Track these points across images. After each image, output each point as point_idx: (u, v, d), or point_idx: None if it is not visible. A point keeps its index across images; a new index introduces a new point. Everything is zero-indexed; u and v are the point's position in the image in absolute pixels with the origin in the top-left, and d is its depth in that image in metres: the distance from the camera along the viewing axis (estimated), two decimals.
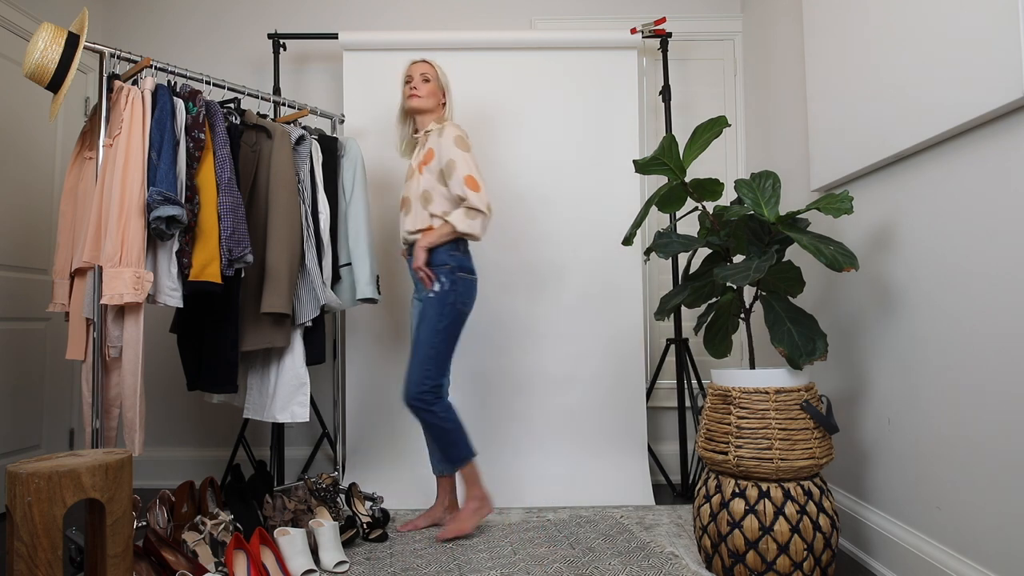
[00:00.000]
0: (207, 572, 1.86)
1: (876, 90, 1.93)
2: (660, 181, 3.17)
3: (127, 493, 1.44)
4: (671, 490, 2.93)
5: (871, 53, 1.96)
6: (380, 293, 2.76)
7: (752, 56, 3.13)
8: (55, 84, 1.95)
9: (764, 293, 2.04)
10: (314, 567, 1.96)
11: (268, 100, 2.58)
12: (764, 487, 1.84)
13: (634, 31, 3.00)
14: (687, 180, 2.05)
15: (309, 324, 2.39)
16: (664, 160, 2.01)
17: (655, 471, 3.04)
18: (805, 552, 1.79)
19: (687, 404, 2.94)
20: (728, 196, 3.15)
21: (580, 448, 2.88)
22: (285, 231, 2.28)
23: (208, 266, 2.05)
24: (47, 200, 2.94)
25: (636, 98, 3.04)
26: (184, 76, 2.23)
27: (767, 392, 1.87)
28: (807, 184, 2.50)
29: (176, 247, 2.01)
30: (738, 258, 2.74)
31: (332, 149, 2.61)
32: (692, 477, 2.88)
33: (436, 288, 2.28)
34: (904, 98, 1.79)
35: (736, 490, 1.87)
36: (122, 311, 1.97)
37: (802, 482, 1.85)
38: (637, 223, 2.09)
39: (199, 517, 2.02)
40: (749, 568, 1.82)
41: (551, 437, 2.90)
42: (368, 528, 2.28)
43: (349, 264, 2.59)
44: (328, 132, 2.88)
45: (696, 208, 2.18)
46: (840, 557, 2.09)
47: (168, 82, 2.15)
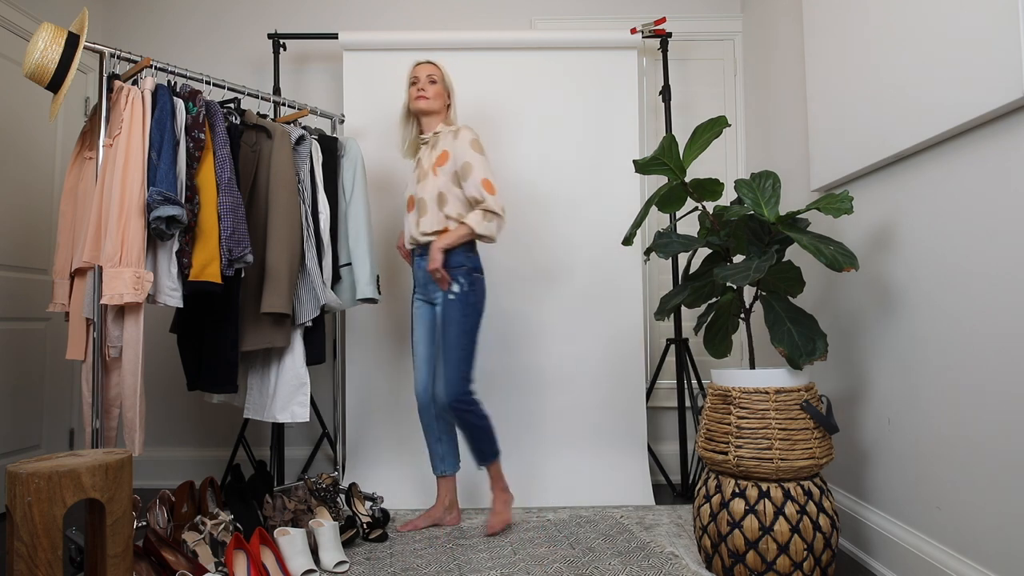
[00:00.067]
0: (207, 572, 1.86)
1: (876, 90, 1.93)
2: (660, 181, 3.17)
3: (127, 493, 1.44)
4: (671, 490, 2.93)
5: (871, 53, 1.96)
6: (380, 293, 2.76)
7: (752, 56, 3.13)
8: (55, 84, 1.95)
9: (764, 293, 2.04)
10: (314, 567, 1.97)
11: (268, 100, 2.58)
12: (764, 487, 1.84)
13: (634, 31, 3.00)
14: (687, 180, 2.05)
15: (309, 324, 2.39)
16: (664, 160, 2.01)
17: (655, 471, 3.04)
18: (805, 552, 1.79)
19: (687, 404, 2.94)
20: (728, 196, 3.15)
21: (580, 448, 2.88)
22: (285, 231, 2.28)
23: (208, 266, 2.05)
24: (47, 200, 2.94)
25: (636, 98, 3.03)
26: (184, 76, 2.23)
27: (767, 392, 1.87)
28: (807, 184, 2.50)
29: (176, 247, 2.01)
30: (738, 258, 2.74)
31: (332, 149, 2.61)
32: (692, 477, 2.88)
33: (456, 290, 2.31)
34: (904, 98, 1.79)
35: (736, 490, 1.87)
36: (122, 311, 1.97)
37: (802, 482, 1.85)
38: (637, 223, 2.09)
39: (199, 517, 2.02)
40: (749, 568, 1.82)
41: (551, 437, 2.90)
42: (368, 528, 2.28)
43: (349, 264, 2.59)
44: (328, 132, 2.88)
45: (696, 208, 2.18)
46: (840, 557, 2.09)
47: (168, 82, 2.15)
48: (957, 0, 1.57)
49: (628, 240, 2.12)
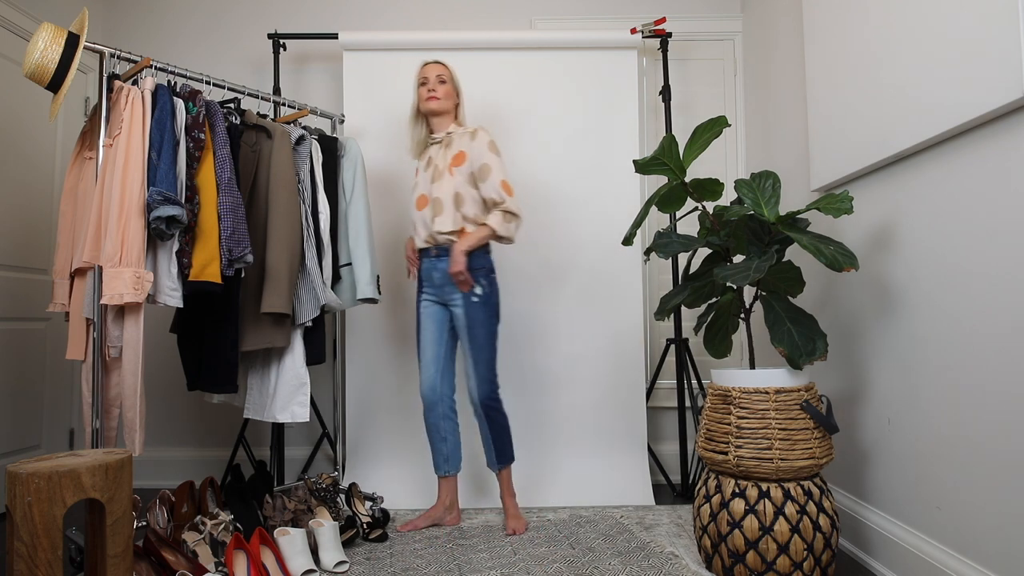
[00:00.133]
0: (207, 572, 1.86)
1: (876, 90, 1.93)
2: (660, 181, 3.17)
3: (127, 493, 1.44)
4: (671, 490, 2.93)
5: (871, 53, 1.96)
6: (380, 293, 2.76)
7: (752, 56, 3.13)
8: (55, 84, 1.95)
9: (764, 293, 2.04)
10: (314, 567, 1.97)
11: (268, 100, 2.58)
12: (764, 487, 1.84)
13: (634, 31, 3.00)
14: (687, 180, 2.05)
15: (309, 324, 2.39)
16: (664, 160, 2.01)
17: (655, 471, 3.04)
18: (805, 552, 1.79)
19: (687, 404, 2.94)
20: (728, 196, 3.15)
21: (580, 448, 2.88)
22: (285, 231, 2.28)
23: (208, 266, 2.05)
24: (47, 200, 2.94)
25: (636, 98, 3.03)
26: (184, 76, 2.23)
27: (767, 392, 1.87)
28: (807, 184, 2.50)
29: (176, 247, 2.01)
30: (738, 258, 2.74)
31: (332, 149, 2.61)
32: (692, 477, 2.88)
33: (479, 291, 2.34)
34: (904, 98, 1.79)
35: (736, 490, 1.87)
36: (122, 311, 1.97)
37: (802, 482, 1.85)
38: (637, 223, 2.09)
39: (199, 517, 2.02)
40: (749, 568, 1.82)
41: (551, 437, 2.90)
42: (368, 528, 2.28)
43: (349, 264, 2.59)
44: (328, 132, 2.88)
45: (696, 208, 2.18)
46: (840, 557, 2.09)
47: (168, 82, 2.15)
48: (957, 0, 1.57)
49: (628, 240, 2.12)
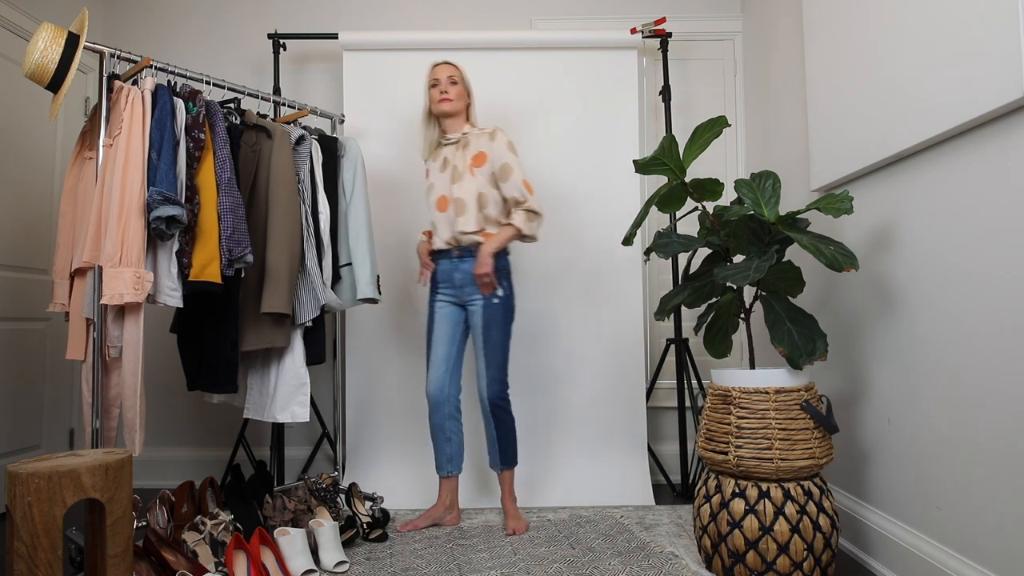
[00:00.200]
0: (207, 572, 1.86)
1: (876, 90, 1.93)
2: (660, 181, 3.17)
3: (127, 493, 1.44)
4: (671, 490, 2.93)
5: (871, 53, 1.96)
6: (380, 293, 2.76)
7: (752, 56, 3.13)
8: (55, 84, 1.95)
9: (764, 293, 2.04)
10: (314, 567, 1.97)
11: (268, 100, 2.58)
12: (764, 487, 1.84)
13: (634, 31, 3.00)
14: (687, 180, 2.05)
15: (309, 324, 2.39)
16: (664, 160, 2.01)
17: (655, 471, 3.04)
18: (805, 552, 1.79)
19: (687, 404, 2.94)
20: (728, 196, 3.15)
21: (580, 448, 2.88)
22: (285, 231, 2.28)
23: (208, 266, 2.05)
24: (47, 200, 2.94)
25: (636, 98, 3.04)
26: (184, 76, 2.23)
27: (767, 392, 1.87)
28: (807, 184, 2.50)
29: (176, 247, 2.01)
30: (738, 258, 2.74)
31: (332, 149, 2.61)
32: (692, 477, 2.88)
33: (500, 293, 2.36)
34: (904, 98, 1.79)
35: (736, 490, 1.87)
36: (122, 311, 1.97)
37: (802, 482, 1.85)
38: (637, 223, 2.09)
39: (199, 517, 2.02)
40: (749, 568, 1.82)
41: (551, 437, 2.90)
42: (368, 528, 2.28)
43: (349, 264, 2.59)
44: (328, 132, 2.88)
45: (696, 208, 2.18)
46: (840, 557, 2.09)
47: (168, 82, 2.15)
48: (957, 0, 1.57)
49: (628, 240, 2.12)
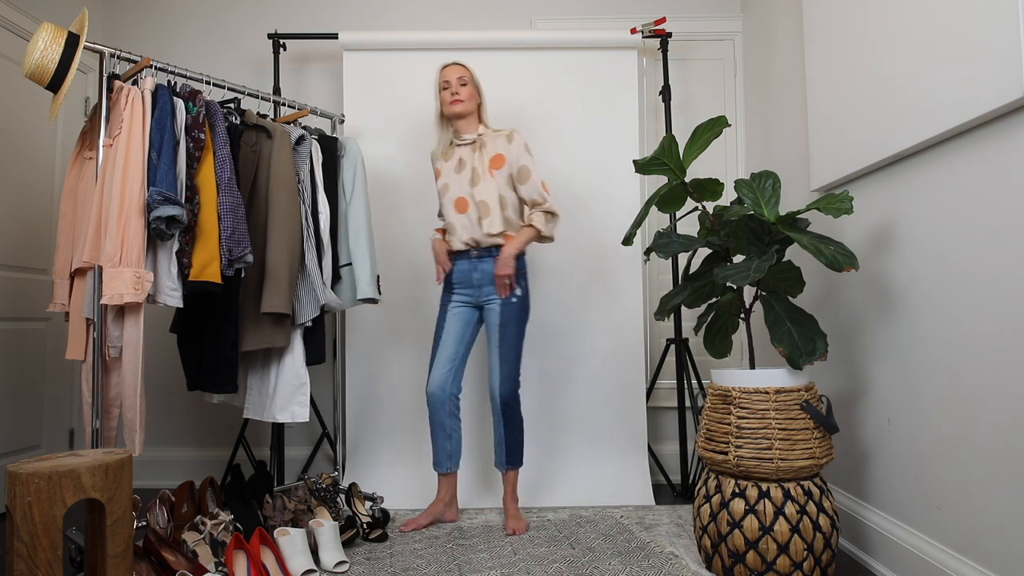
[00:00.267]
0: (207, 572, 1.86)
1: (876, 90, 1.93)
2: (660, 181, 3.17)
3: (127, 493, 1.44)
4: (671, 490, 2.93)
5: (871, 53, 1.96)
6: (380, 293, 2.76)
7: (752, 56, 3.13)
8: (55, 84, 1.95)
9: (764, 293, 2.04)
10: (314, 567, 1.97)
11: (268, 100, 2.58)
12: (764, 487, 1.84)
13: (634, 31, 3.00)
14: (687, 180, 2.05)
15: (309, 324, 2.39)
16: (664, 160, 2.01)
17: (655, 471, 3.04)
18: (805, 552, 1.79)
19: (687, 404, 2.94)
20: (728, 196, 3.15)
21: (580, 448, 2.88)
22: (285, 231, 2.28)
23: (208, 266, 2.05)
24: (47, 200, 2.94)
25: (636, 98, 3.04)
26: (184, 76, 2.23)
27: (767, 392, 1.87)
28: (807, 184, 2.50)
29: (176, 247, 2.01)
30: (738, 258, 2.74)
31: (332, 149, 2.61)
32: (692, 477, 2.88)
33: (518, 293, 2.39)
34: (904, 98, 1.79)
35: (736, 490, 1.87)
36: (122, 311, 1.97)
37: (802, 482, 1.85)
38: (637, 223, 2.09)
39: (199, 517, 2.02)
40: (749, 568, 1.82)
41: (551, 437, 2.90)
42: (368, 528, 2.28)
43: (349, 264, 2.59)
44: (328, 132, 2.88)
45: (696, 208, 2.18)
46: (840, 557, 2.09)
47: (168, 82, 2.15)
48: (957, 0, 1.57)
49: (628, 240, 2.12)
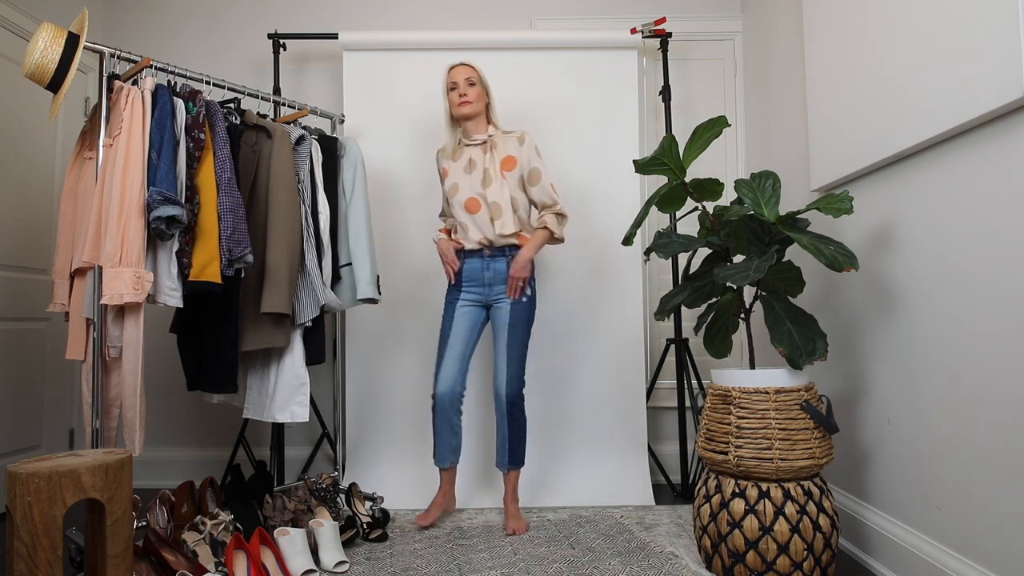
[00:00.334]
0: (207, 572, 1.86)
1: (876, 90, 1.93)
2: (660, 181, 3.16)
3: (127, 493, 1.44)
4: (671, 490, 2.93)
5: (871, 53, 1.96)
6: (380, 293, 2.76)
7: (752, 56, 3.13)
8: (55, 84, 1.95)
9: (764, 293, 2.04)
10: (314, 567, 1.97)
11: (268, 100, 2.58)
12: (764, 487, 1.84)
13: (634, 31, 3.00)
14: (687, 180, 2.05)
15: (309, 324, 2.39)
16: (664, 160, 2.01)
17: (655, 471, 3.04)
18: (805, 552, 1.79)
19: (687, 404, 2.94)
20: (728, 196, 3.14)
21: (580, 448, 2.88)
22: (285, 231, 2.28)
23: (208, 266, 2.05)
24: (47, 200, 2.94)
25: (636, 98, 3.04)
26: (184, 76, 2.23)
27: (767, 392, 1.87)
28: (807, 184, 2.50)
29: (176, 247, 2.01)
30: (738, 258, 2.74)
31: (332, 149, 2.61)
32: (692, 477, 2.88)
33: (529, 292, 2.43)
34: (904, 98, 1.79)
35: (736, 490, 1.87)
36: (122, 311, 1.97)
37: (802, 482, 1.85)
38: (637, 223, 2.09)
39: (199, 517, 2.02)
40: (749, 568, 1.82)
41: (551, 437, 2.90)
42: (368, 528, 2.28)
43: (349, 264, 2.59)
44: (328, 132, 2.87)
45: (696, 208, 2.18)
46: (840, 557, 2.09)
47: (168, 82, 2.15)
48: (957, 0, 1.57)
49: (628, 240, 2.12)
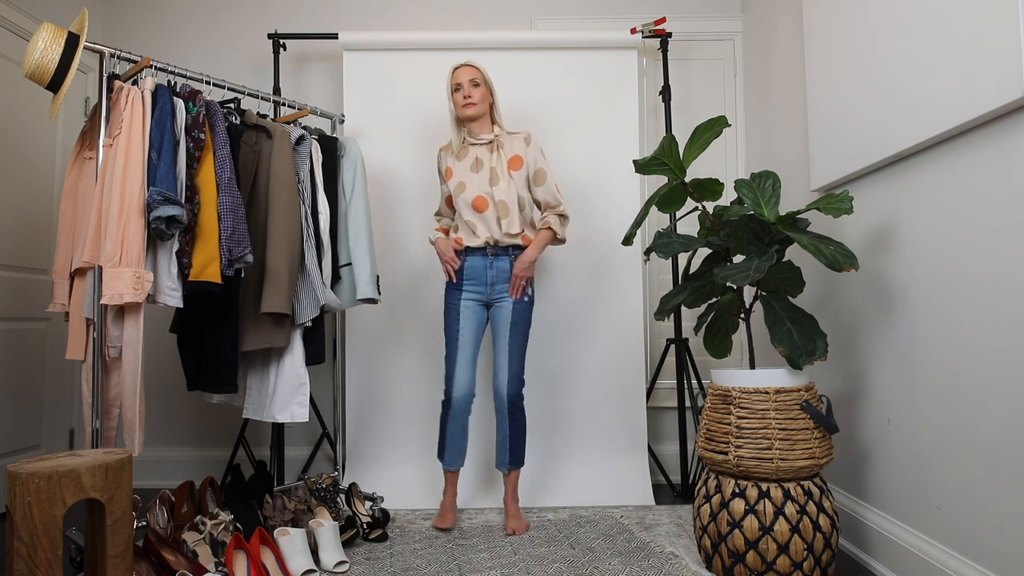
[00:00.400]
0: (207, 572, 1.86)
1: (876, 90, 1.93)
2: (660, 181, 3.16)
3: (127, 493, 1.44)
4: (671, 490, 2.93)
5: (871, 53, 1.96)
6: (380, 293, 2.76)
7: (752, 56, 3.13)
8: (55, 84, 1.95)
9: (764, 293, 2.04)
10: (314, 567, 1.97)
11: (268, 100, 2.58)
12: (764, 487, 1.84)
13: (634, 31, 3.00)
14: (687, 180, 2.05)
15: (309, 324, 2.39)
16: (664, 160, 2.01)
17: (655, 471, 3.04)
18: (805, 552, 1.79)
19: (687, 404, 2.94)
20: (728, 196, 3.15)
21: (580, 448, 2.88)
22: (285, 231, 2.28)
23: (208, 266, 2.04)
24: (47, 200, 2.94)
25: (636, 98, 3.03)
26: (184, 76, 2.23)
27: (767, 392, 1.87)
28: (807, 184, 2.50)
29: (176, 247, 2.00)
30: (738, 258, 2.74)
31: (332, 149, 2.61)
32: (692, 477, 2.88)
33: (530, 292, 2.45)
34: (904, 97, 1.79)
35: (736, 490, 1.87)
36: (122, 311, 1.97)
37: (802, 482, 1.85)
38: (637, 223, 2.09)
39: (199, 517, 2.02)
40: (749, 568, 1.82)
41: (551, 437, 2.90)
42: (368, 528, 2.28)
43: (349, 264, 2.59)
44: (328, 132, 2.87)
45: (696, 208, 2.18)
46: (840, 557, 2.09)
47: (168, 82, 2.14)
48: (957, 0, 1.57)
49: (628, 240, 2.12)
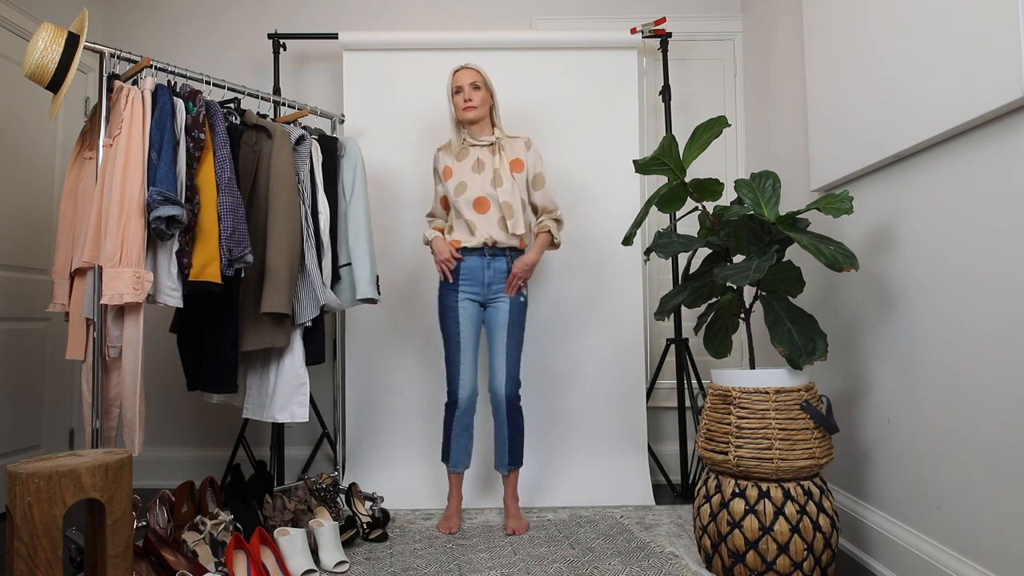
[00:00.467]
0: (207, 572, 1.86)
1: (876, 90, 1.93)
2: (660, 181, 3.16)
3: (127, 493, 1.44)
4: (671, 490, 2.93)
5: (871, 53, 1.96)
6: (380, 293, 2.76)
7: (752, 56, 3.13)
8: (55, 84, 1.95)
9: (764, 293, 2.04)
10: (314, 567, 1.97)
11: (268, 100, 2.58)
12: (764, 487, 1.84)
13: (634, 31, 3.00)
14: (687, 180, 2.05)
15: (309, 324, 2.39)
16: (664, 160, 2.01)
17: (655, 471, 3.04)
18: (805, 552, 1.79)
19: (687, 404, 2.94)
20: (728, 196, 3.15)
21: (580, 448, 2.88)
22: (285, 231, 2.28)
23: (208, 266, 2.04)
24: (47, 200, 2.94)
25: (636, 98, 3.03)
26: (184, 76, 2.23)
27: (767, 392, 1.87)
28: (807, 184, 2.50)
29: (176, 247, 2.00)
30: (738, 258, 2.74)
31: (332, 149, 2.61)
32: (692, 477, 2.88)
33: (525, 292, 2.48)
34: (904, 98, 1.79)
35: (736, 490, 1.87)
36: (122, 311, 1.97)
37: (802, 482, 1.85)
38: (637, 223, 2.09)
39: (199, 517, 2.02)
40: (749, 568, 1.82)
41: (551, 437, 2.90)
42: (368, 528, 2.28)
43: (349, 264, 2.59)
44: (328, 132, 2.87)
45: (696, 208, 2.18)
46: (840, 557, 2.09)
47: (168, 82, 2.14)
48: (957, 0, 1.57)
49: (628, 240, 2.12)
